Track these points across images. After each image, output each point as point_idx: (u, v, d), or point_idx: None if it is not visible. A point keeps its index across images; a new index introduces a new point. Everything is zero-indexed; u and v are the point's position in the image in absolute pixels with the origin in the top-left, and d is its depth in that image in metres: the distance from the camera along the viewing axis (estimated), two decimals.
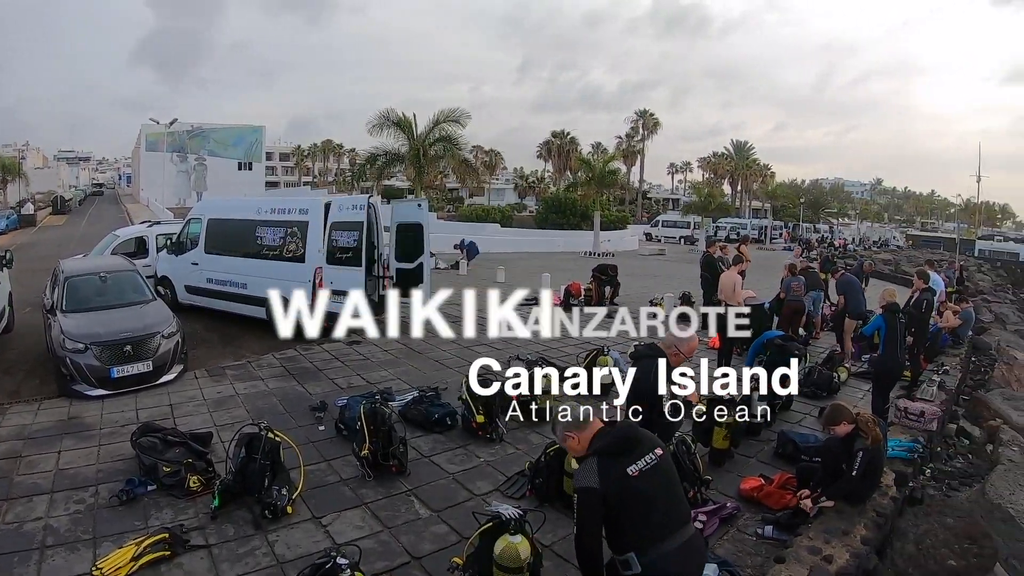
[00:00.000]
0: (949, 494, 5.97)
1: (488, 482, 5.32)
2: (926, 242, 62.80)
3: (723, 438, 5.69)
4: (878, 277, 20.00)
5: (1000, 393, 9.13)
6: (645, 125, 63.99)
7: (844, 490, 4.66)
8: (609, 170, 33.83)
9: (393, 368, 8.52)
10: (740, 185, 67.25)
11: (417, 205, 11.44)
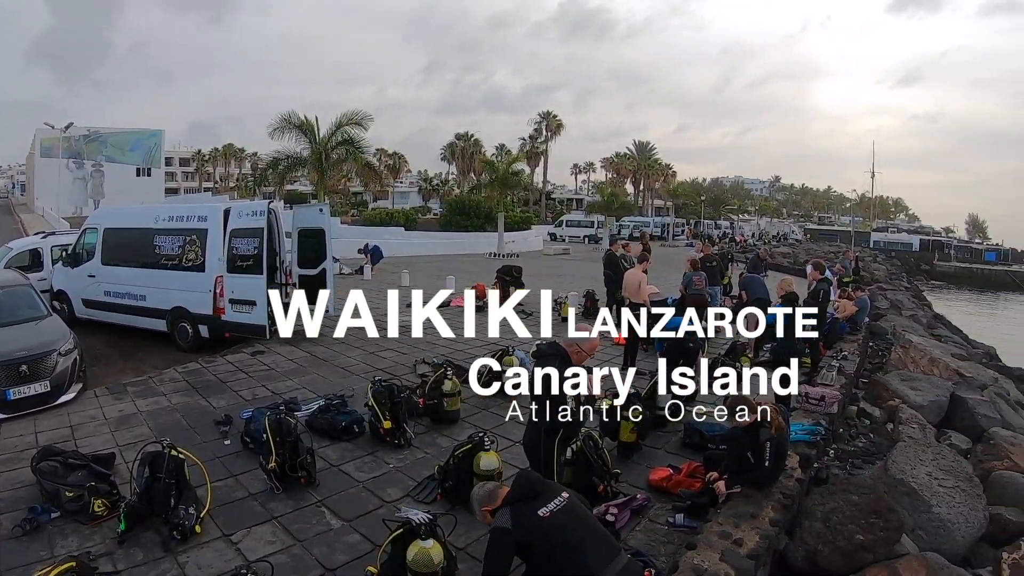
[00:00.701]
0: (853, 472, 7.63)
1: (398, 488, 6.43)
2: (823, 235, 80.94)
3: (630, 431, 7.07)
4: (776, 269, 23.39)
5: (897, 375, 11.61)
6: (548, 126, 79.58)
7: (758, 481, 5.87)
8: (513, 171, 41.22)
9: (298, 377, 10.15)
10: (643, 184, 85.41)
11: (319, 210, 13.73)
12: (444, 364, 8.86)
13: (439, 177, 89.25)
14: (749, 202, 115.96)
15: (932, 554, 5.95)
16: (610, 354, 11.49)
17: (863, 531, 5.76)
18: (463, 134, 79.30)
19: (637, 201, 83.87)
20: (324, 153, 29.22)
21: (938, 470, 7.08)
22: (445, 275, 21.00)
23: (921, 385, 11.05)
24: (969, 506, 6.79)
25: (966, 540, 6.60)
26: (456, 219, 45.81)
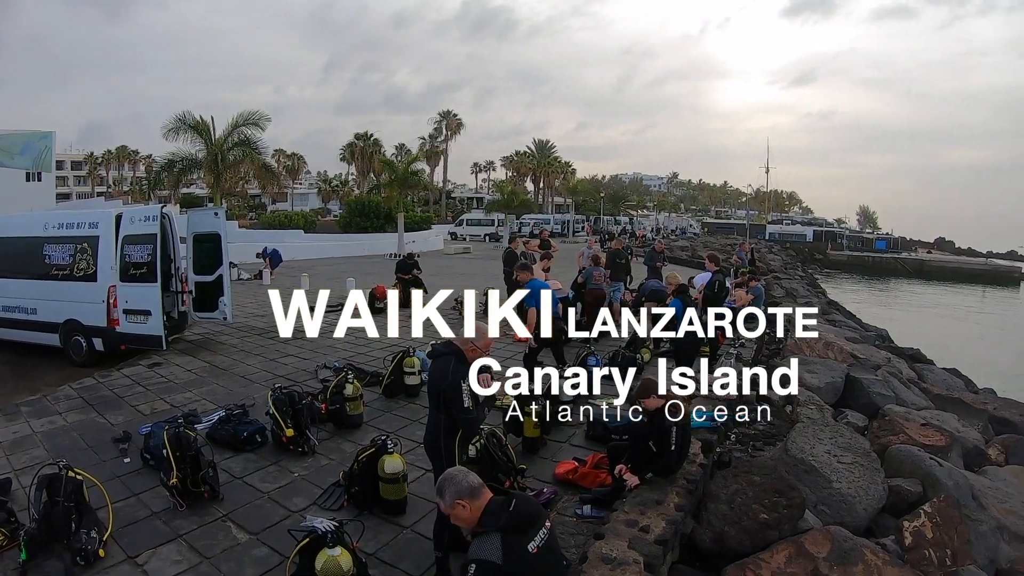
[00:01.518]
0: (755, 455, 8.05)
1: (304, 497, 6.53)
2: (720, 229, 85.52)
3: (534, 426, 7.37)
4: (675, 262, 24.28)
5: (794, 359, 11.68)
6: (448, 126, 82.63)
7: (666, 468, 6.10)
8: (412, 171, 41.37)
9: (197, 388, 10.14)
10: (543, 182, 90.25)
11: (214, 214, 13.66)
12: (345, 368, 9.00)
13: (338, 178, 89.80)
14: (648, 198, 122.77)
15: (835, 527, 6.34)
16: (513, 351, 11.74)
17: (767, 510, 6.10)
18: (362, 134, 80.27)
19: (537, 199, 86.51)
20: (220, 155, 29.03)
21: (836, 448, 7.58)
22: (345, 277, 21.61)
23: (817, 368, 11.81)
24: (868, 480, 7.32)
25: (868, 512, 7.10)
26: (356, 220, 46.80)
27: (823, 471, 7.18)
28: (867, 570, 5.85)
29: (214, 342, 13.08)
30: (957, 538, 6.79)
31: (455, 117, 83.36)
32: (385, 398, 9.49)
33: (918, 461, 8.13)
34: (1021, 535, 7.57)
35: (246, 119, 29.17)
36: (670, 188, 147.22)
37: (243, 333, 13.97)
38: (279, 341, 12.93)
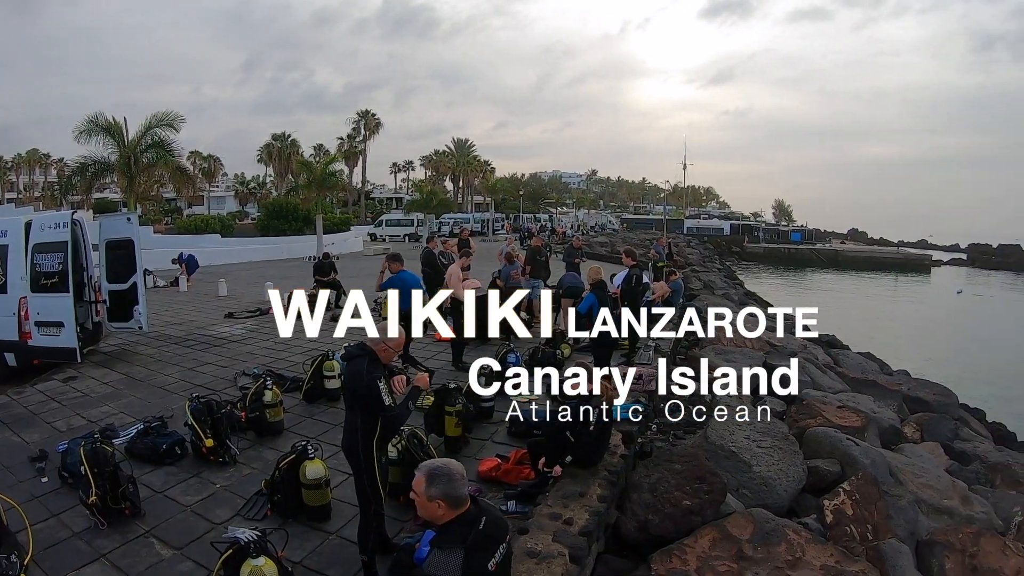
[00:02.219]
0: (675, 443, 8.31)
1: (227, 508, 6.49)
2: (639, 224, 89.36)
3: (455, 425, 7.48)
4: (594, 257, 24.90)
5: (712, 349, 12.82)
6: (367, 125, 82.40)
7: (586, 445, 6.30)
8: (330, 172, 41.11)
9: (115, 401, 9.88)
10: (462, 181, 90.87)
11: (127, 219, 13.33)
12: (264, 374, 9.02)
13: (256, 180, 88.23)
14: (567, 195, 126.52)
15: (758, 509, 6.61)
16: (433, 351, 11.91)
17: (689, 496, 6.34)
18: (280, 134, 78.61)
19: (457, 198, 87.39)
20: (133, 157, 28.34)
21: (755, 433, 7.95)
22: (263, 282, 21.60)
23: (735, 357, 12.24)
24: (788, 462, 7.68)
25: (789, 493, 7.44)
26: (274, 223, 46.58)
27: (743, 456, 7.48)
28: (790, 549, 6.12)
29: (130, 353, 12.68)
30: (877, 513, 7.11)
31: (374, 116, 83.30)
32: (306, 403, 9.44)
33: (836, 442, 8.49)
34: (938, 507, 7.94)
35: (160, 120, 28.61)
36: (589, 185, 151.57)
37: (160, 342, 13.58)
38: (197, 349, 12.80)
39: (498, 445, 7.73)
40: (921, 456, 9.75)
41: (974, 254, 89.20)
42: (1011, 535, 7.73)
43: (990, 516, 8.06)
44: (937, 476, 8.76)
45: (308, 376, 9.60)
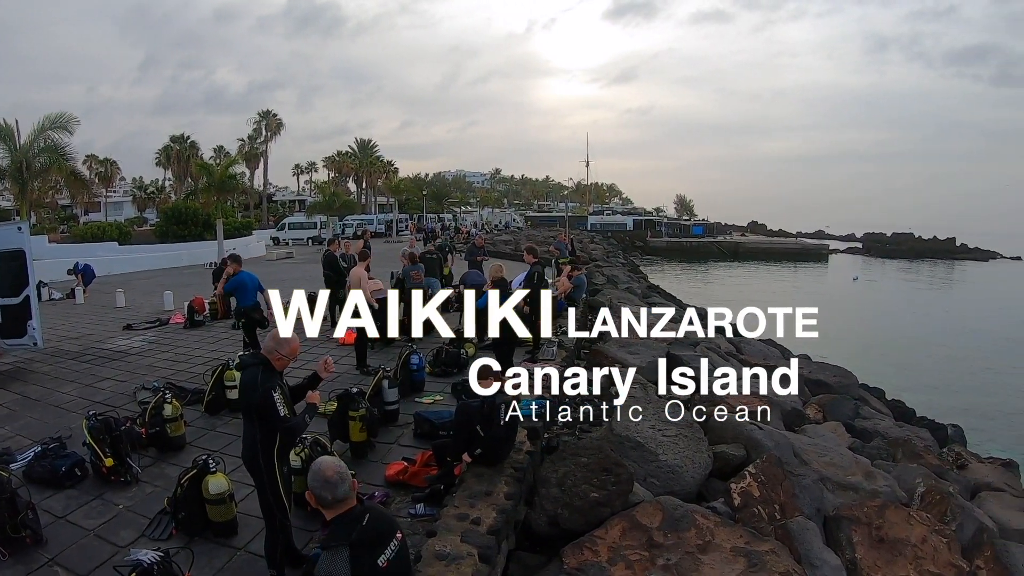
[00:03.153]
0: (581, 437, 8.38)
1: (132, 530, 6.29)
2: (543, 221, 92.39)
3: (359, 430, 7.45)
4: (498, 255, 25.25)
5: (615, 342, 13.02)
6: (268, 126, 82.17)
7: (496, 438, 6.42)
8: (230, 175, 40.41)
9: (10, 424, 9.47)
10: (365, 182, 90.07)
11: (17, 228, 12.79)
12: (163, 387, 8.80)
13: (155, 184, 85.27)
14: (471, 194, 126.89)
15: (665, 497, 6.83)
16: (337, 355, 11.55)
17: (596, 488, 6.47)
18: (179, 136, 77.21)
19: (360, 199, 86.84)
20: (25, 162, 27.54)
21: (660, 422, 8.16)
22: (163, 291, 21.00)
23: (638, 349, 12.58)
24: (693, 449, 7.95)
25: (696, 479, 7.70)
26: (173, 229, 45.76)
27: (649, 446, 7.71)
28: (700, 533, 6.32)
29: (25, 371, 12.10)
30: (783, 493, 7.43)
31: (275, 117, 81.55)
32: (208, 415, 9.22)
33: (739, 427, 8.84)
34: (843, 484, 8.39)
35: (54, 122, 27.82)
36: (493, 184, 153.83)
37: (56, 359, 12.98)
38: (95, 364, 12.34)
39: (404, 448, 7.73)
40: (824, 436, 10.25)
41: (869, 243, 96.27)
42: (915, 506, 8.19)
43: (893, 489, 8.50)
44: (840, 454, 9.21)
45: (209, 387, 9.38)
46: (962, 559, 7.14)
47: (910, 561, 6.95)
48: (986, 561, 7.28)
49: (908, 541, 7.09)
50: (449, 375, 10.47)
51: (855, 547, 7.00)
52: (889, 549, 7.03)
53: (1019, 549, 7.57)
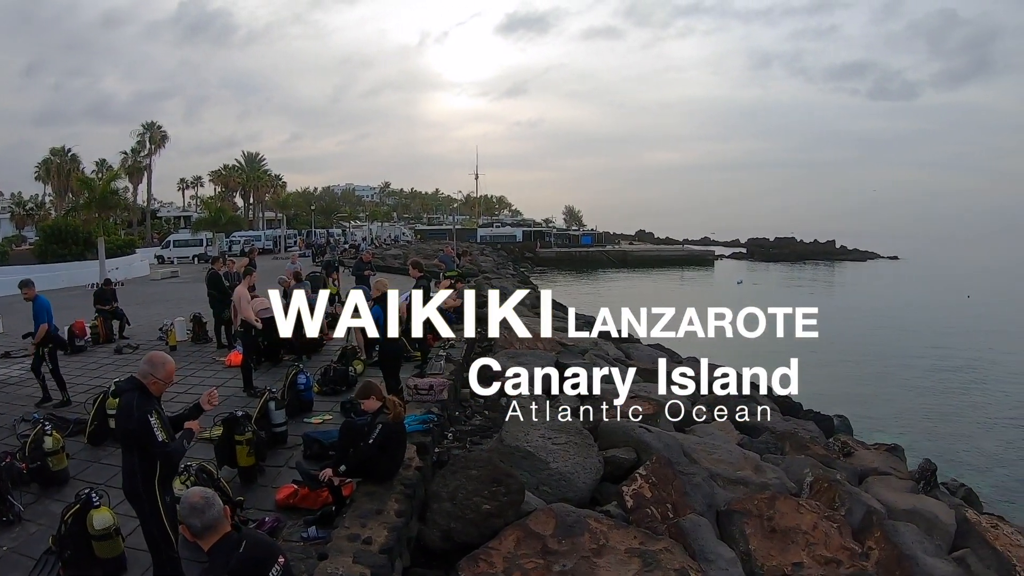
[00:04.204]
0: (472, 449, 8.41)
1: (19, 572, 5.92)
2: (432, 235, 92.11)
3: (247, 454, 7.26)
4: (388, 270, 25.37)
5: (504, 353, 13.29)
6: (152, 139, 78.15)
7: (361, 457, 6.32)
8: (112, 190, 39.21)
9: None
10: (253, 197, 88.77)
11: None
12: (43, 419, 8.29)
13: (34, 200, 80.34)
14: (360, 208, 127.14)
15: (558, 504, 6.99)
16: (224, 377, 11.46)
17: (488, 500, 6.58)
18: (59, 149, 73.68)
19: (247, 215, 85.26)
20: None
21: (550, 431, 8.37)
22: None
23: (527, 359, 12.74)
24: (584, 455, 8.16)
25: (588, 484, 7.92)
26: (53, 248, 42.52)
27: (539, 455, 7.88)
28: (594, 538, 6.49)
29: None
30: (674, 492, 7.71)
31: (159, 129, 78.07)
32: (91, 446, 8.75)
33: (628, 431, 9.15)
34: (733, 479, 8.75)
35: None
36: (383, 198, 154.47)
37: None
38: None
39: (294, 471, 7.43)
40: (713, 434, 10.63)
41: (753, 247, 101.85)
42: (805, 495, 8.63)
43: (783, 480, 8.96)
44: (729, 451, 9.58)
45: (91, 417, 8.92)
46: (854, 542, 7.56)
47: (803, 548, 7.30)
48: (877, 542, 7.69)
49: (800, 529, 7.45)
50: (338, 393, 10.33)
51: (748, 539, 7.30)
52: (782, 538, 7.37)
53: (907, 528, 8.03)
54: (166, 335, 14.53)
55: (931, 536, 8.27)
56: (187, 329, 15.31)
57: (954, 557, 8.07)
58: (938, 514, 8.89)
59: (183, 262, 53.49)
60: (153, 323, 17.16)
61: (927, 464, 11.37)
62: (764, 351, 12.09)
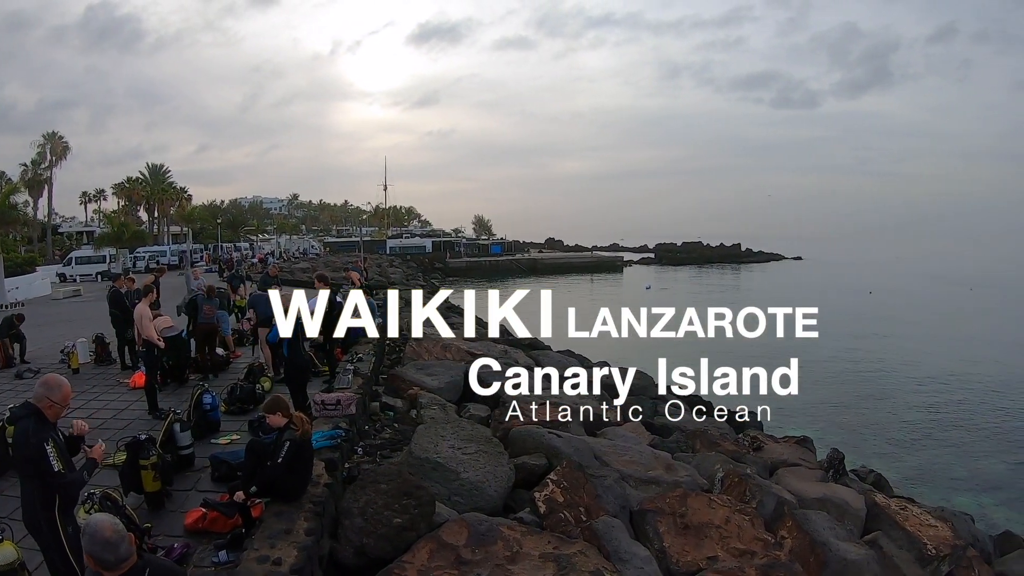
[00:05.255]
0: (382, 463, 8.35)
1: None
2: (342, 247, 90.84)
3: (153, 479, 6.97)
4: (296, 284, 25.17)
5: (414, 365, 13.38)
6: (54, 150, 72.97)
7: (270, 477, 6.24)
8: (10, 204, 38.66)
9: None
10: (158, 211, 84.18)
11: None
12: None
13: None
14: (268, 221, 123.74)
15: (471, 514, 7.03)
16: (128, 400, 11.02)
17: (399, 514, 6.57)
18: None
19: (152, 229, 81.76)
20: None
21: (460, 440, 8.45)
22: None
23: (436, 370, 12.88)
24: (495, 464, 8.23)
25: (500, 492, 7.98)
26: None
27: (449, 465, 7.92)
28: (507, 545, 6.55)
29: None
30: (586, 496, 7.86)
31: (61, 140, 73.80)
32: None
33: (539, 437, 9.26)
34: (644, 479, 8.97)
35: None
36: (291, 210, 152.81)
37: None
38: None
39: (204, 493, 7.32)
40: (625, 436, 10.83)
41: (661, 253, 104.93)
42: (716, 490, 8.95)
43: (694, 478, 9.23)
44: (640, 452, 9.79)
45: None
46: (766, 532, 7.86)
47: (716, 542, 7.54)
48: (789, 531, 8.02)
49: (712, 524, 7.70)
50: (246, 412, 10.05)
51: (662, 537, 7.49)
52: (695, 534, 7.59)
53: (818, 515, 8.39)
54: (68, 357, 13.98)
55: (842, 522, 8.70)
56: (90, 350, 14.72)
57: (866, 540, 8.49)
58: (848, 500, 9.31)
59: (86, 280, 51.09)
60: (55, 345, 16.30)
61: (835, 453, 11.84)
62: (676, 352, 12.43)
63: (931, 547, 8.59)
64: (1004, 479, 16.03)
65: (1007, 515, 13.88)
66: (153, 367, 10.33)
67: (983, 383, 25.34)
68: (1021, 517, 13.91)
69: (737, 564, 7.17)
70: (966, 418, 21.12)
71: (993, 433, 19.60)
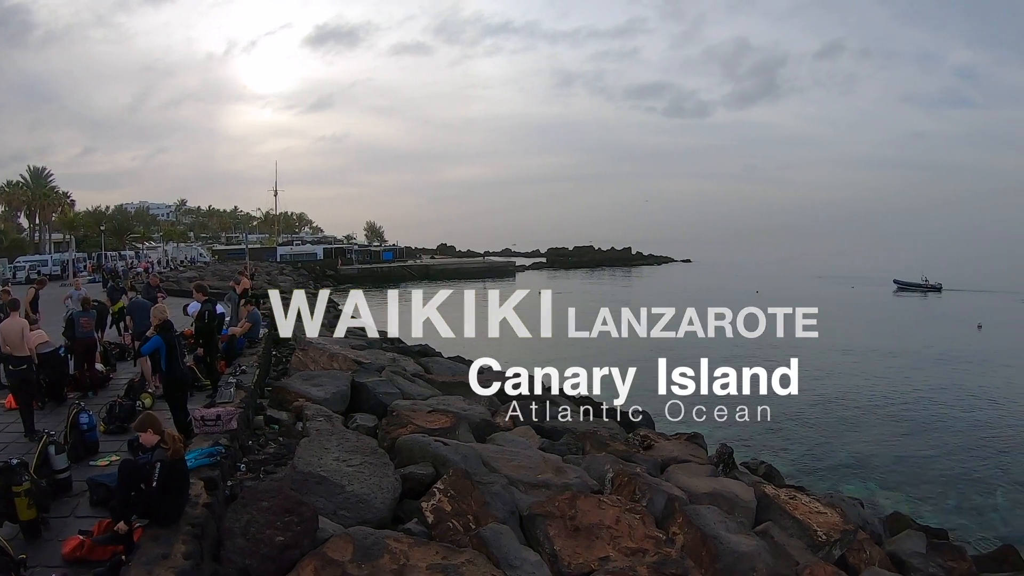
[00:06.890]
0: (266, 479, 8.09)
1: None
2: (231, 255, 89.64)
3: (27, 507, 6.51)
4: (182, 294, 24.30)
5: (300, 376, 13.07)
6: None
7: (144, 503, 5.95)
8: None
9: None
10: (39, 217, 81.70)
11: None
12: None
13: None
14: (155, 228, 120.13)
15: (356, 528, 6.88)
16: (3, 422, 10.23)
17: (281, 531, 6.35)
18: None
19: (33, 237, 79.21)
20: None
21: (344, 452, 8.30)
22: None
23: (322, 380, 12.59)
24: (380, 475, 8.12)
25: (387, 504, 7.84)
26: None
27: (334, 478, 7.75)
28: (394, 558, 6.44)
29: None
30: (474, 503, 7.84)
31: None
32: None
33: (425, 445, 9.21)
34: (534, 483, 9.03)
35: None
36: (179, 216, 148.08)
37: None
38: None
39: (82, 520, 6.95)
40: (514, 441, 10.84)
41: (553, 257, 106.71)
42: (606, 491, 9.05)
43: (584, 479, 9.34)
44: (529, 456, 9.84)
45: None
46: (657, 530, 8.00)
47: (608, 542, 7.63)
48: (680, 527, 8.21)
49: (603, 524, 7.79)
50: (126, 431, 9.37)
51: (552, 540, 7.53)
52: (586, 535, 7.66)
53: (709, 510, 8.63)
54: None
55: (733, 514, 8.96)
56: None
57: (757, 531, 8.77)
58: (738, 493, 9.58)
59: None
60: None
61: (723, 448, 12.21)
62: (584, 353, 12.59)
63: (821, 533, 8.95)
64: (890, 464, 17.02)
65: (894, 497, 14.64)
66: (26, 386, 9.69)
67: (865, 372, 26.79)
68: (907, 498, 14.78)
69: (629, 563, 7.27)
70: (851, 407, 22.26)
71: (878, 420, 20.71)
